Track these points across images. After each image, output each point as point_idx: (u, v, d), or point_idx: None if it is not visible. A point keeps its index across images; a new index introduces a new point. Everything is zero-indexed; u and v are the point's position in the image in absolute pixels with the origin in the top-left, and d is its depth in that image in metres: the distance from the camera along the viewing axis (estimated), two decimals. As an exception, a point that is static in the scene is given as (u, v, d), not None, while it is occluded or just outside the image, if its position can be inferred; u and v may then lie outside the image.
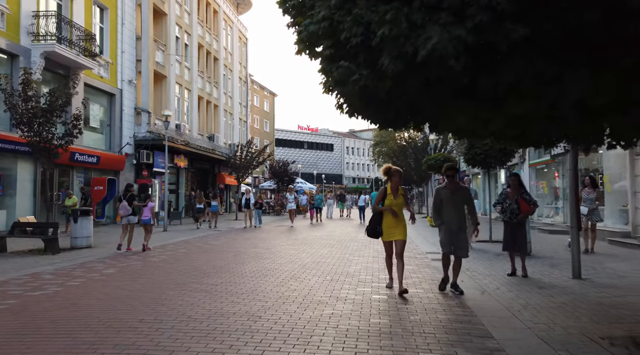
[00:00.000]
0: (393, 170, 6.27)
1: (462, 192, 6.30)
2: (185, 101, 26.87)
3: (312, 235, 15.12)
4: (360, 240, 13.29)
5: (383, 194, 6.29)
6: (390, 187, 6.28)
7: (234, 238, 14.10)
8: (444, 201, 6.21)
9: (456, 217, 6.12)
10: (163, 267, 8.39)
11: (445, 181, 6.45)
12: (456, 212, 6.14)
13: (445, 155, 19.57)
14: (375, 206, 6.42)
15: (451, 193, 6.16)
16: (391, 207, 6.14)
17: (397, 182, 6.26)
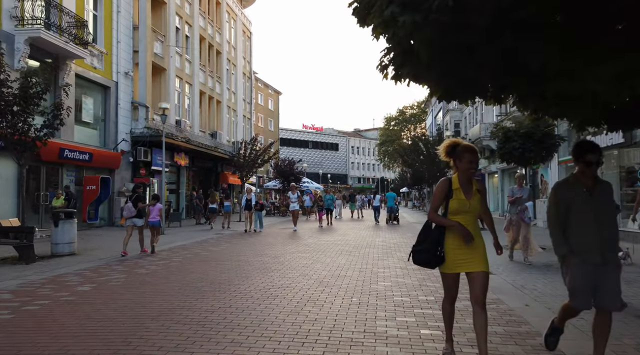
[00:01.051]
0: (463, 147, 3.50)
1: (605, 192, 3.45)
2: (186, 96, 25.45)
3: (323, 240, 13.62)
4: (380, 246, 11.79)
5: (446, 190, 3.51)
6: (457, 177, 3.53)
7: (237, 243, 12.62)
8: (574, 210, 3.39)
9: (598, 238, 3.31)
10: (149, 283, 6.91)
11: (573, 172, 3.54)
12: (598, 228, 3.31)
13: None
14: (432, 213, 3.62)
15: (588, 193, 3.38)
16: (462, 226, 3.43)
17: (471, 169, 3.48)
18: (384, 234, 15.98)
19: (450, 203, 3.52)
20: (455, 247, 3.48)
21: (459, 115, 37.80)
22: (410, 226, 20.11)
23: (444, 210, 3.55)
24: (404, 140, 61.56)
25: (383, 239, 13.80)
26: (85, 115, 18.34)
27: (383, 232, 16.54)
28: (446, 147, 3.61)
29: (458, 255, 3.49)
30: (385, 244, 12.55)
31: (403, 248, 11.47)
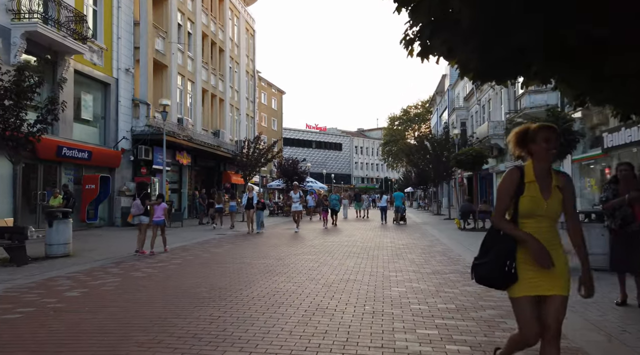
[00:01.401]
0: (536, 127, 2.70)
1: None
2: (188, 93, 25.00)
3: (329, 241, 13.10)
4: (388, 247, 11.26)
5: (516, 184, 2.68)
6: (531, 166, 2.69)
7: (239, 244, 12.13)
8: None
9: None
10: (144, 288, 6.42)
11: None
12: None
13: (477, 149, 17.46)
14: (498, 218, 2.75)
15: None
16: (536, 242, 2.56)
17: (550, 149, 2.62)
18: (392, 234, 15.45)
19: (521, 202, 2.60)
20: (526, 261, 2.58)
21: (465, 114, 37.22)
22: (417, 227, 19.57)
23: (513, 211, 2.66)
24: (408, 140, 61.02)
25: (391, 240, 13.27)
26: (85, 113, 17.91)
27: (390, 233, 16.01)
28: (517, 135, 2.75)
29: (533, 272, 2.56)
30: (394, 245, 12.02)
31: (413, 250, 10.94)
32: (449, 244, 12.42)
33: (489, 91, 29.95)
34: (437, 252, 10.55)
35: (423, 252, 10.43)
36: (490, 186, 30.78)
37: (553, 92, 18.91)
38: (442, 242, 12.95)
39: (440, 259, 9.32)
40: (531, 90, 19.48)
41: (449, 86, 46.41)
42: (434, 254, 10.09)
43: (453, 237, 14.30)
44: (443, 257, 9.61)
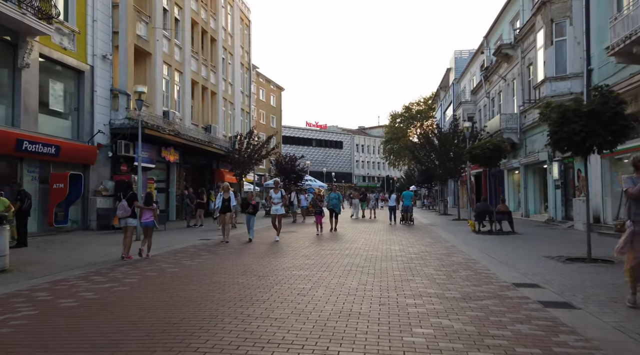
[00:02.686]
0: None
1: None
2: (175, 85, 23.08)
3: (327, 249, 11.18)
4: (398, 257, 9.34)
5: None
6: None
7: (219, 254, 10.22)
8: None
9: None
10: (54, 330, 4.51)
11: None
12: None
13: (494, 142, 15.52)
14: None
15: None
16: None
17: None
18: (399, 239, 13.53)
19: None
20: None
21: (473, 108, 35.29)
22: (426, 229, 17.64)
23: None
24: (410, 138, 59.06)
25: (400, 247, 11.35)
26: (54, 103, 16.00)
27: (397, 237, 14.09)
28: None
29: None
30: (405, 254, 10.10)
31: (428, 261, 9.02)
32: (468, 251, 10.51)
33: (499, 83, 28.01)
34: (458, 264, 8.63)
35: (441, 265, 8.51)
36: (501, 184, 28.86)
37: (577, 78, 16.98)
38: (459, 249, 11.04)
39: (466, 275, 7.40)
40: (552, 77, 17.55)
41: (454, 80, 44.48)
42: (455, 268, 8.17)
43: (470, 243, 12.37)
44: (468, 272, 7.69)
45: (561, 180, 19.24)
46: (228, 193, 12.72)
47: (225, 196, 12.70)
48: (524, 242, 12.41)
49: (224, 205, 12.58)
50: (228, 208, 12.56)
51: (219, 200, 12.71)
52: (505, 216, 15.74)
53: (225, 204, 12.59)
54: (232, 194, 12.75)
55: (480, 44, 32.74)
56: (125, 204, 9.59)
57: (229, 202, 12.61)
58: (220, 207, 12.65)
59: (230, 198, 12.64)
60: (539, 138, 21.68)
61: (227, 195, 12.68)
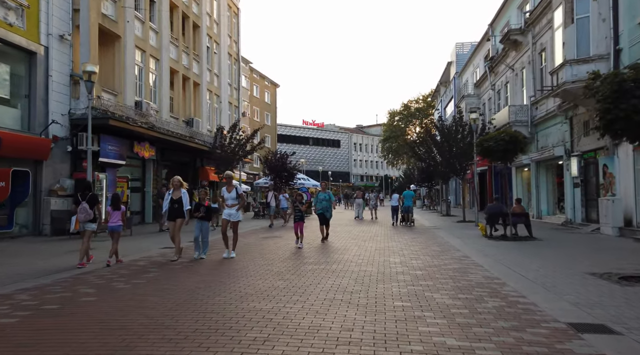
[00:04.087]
0: None
1: None
2: (151, 73, 20.85)
3: (308, 262, 8.98)
4: (399, 275, 7.15)
5: None
6: None
7: (168, 270, 8.04)
8: None
9: None
10: None
11: None
12: None
13: (510, 132, 13.33)
14: None
15: None
16: None
17: None
18: (399, 246, 11.35)
19: None
20: None
21: (476, 102, 33.09)
22: (429, 233, 15.47)
23: None
24: (409, 137, 56.99)
25: (401, 259, 9.16)
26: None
27: (397, 244, 11.91)
28: None
29: None
30: (407, 268, 7.92)
31: (439, 280, 6.84)
32: (486, 265, 8.34)
33: (506, 73, 25.87)
34: (479, 286, 6.45)
35: (457, 288, 6.33)
36: (509, 182, 26.71)
37: (602, 61, 14.83)
38: (474, 261, 8.87)
39: (496, 308, 5.22)
40: (572, 60, 15.40)
41: (456, 74, 42.34)
42: (477, 293, 5.99)
43: (485, 252, 10.20)
44: (497, 302, 5.51)
45: (581, 177, 17.09)
46: (179, 192, 9.28)
47: (175, 196, 9.25)
48: (550, 251, 10.24)
49: (173, 209, 9.17)
50: (180, 213, 9.16)
51: (167, 202, 9.28)
52: (522, 219, 13.59)
53: (175, 206, 9.15)
54: (185, 194, 9.38)
55: (485, 32, 30.59)
56: (86, 206, 8.65)
57: (180, 204, 9.16)
58: (169, 211, 9.26)
59: (182, 199, 9.20)
60: (553, 131, 19.55)
61: (178, 195, 9.24)
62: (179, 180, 9.47)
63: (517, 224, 13.53)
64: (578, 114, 17.10)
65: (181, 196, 9.26)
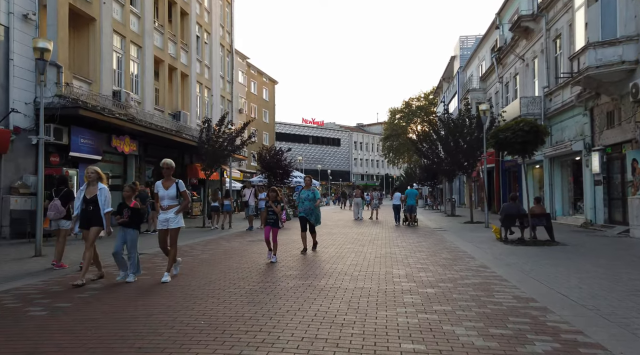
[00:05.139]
0: None
1: None
2: (132, 61, 19.20)
3: (289, 275, 7.33)
4: (406, 297, 5.50)
5: None
6: None
7: (46, 307, 6.42)
8: None
9: None
10: None
11: None
12: None
13: (529, 121, 11.67)
14: None
15: None
16: None
17: None
18: (404, 253, 9.71)
19: None
20: None
21: (482, 96, 31.42)
22: (435, 235, 13.83)
23: None
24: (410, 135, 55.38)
25: (407, 271, 7.51)
26: (-53, 72, 12.17)
27: (401, 251, 10.27)
28: None
29: None
30: (415, 285, 6.28)
31: (458, 303, 5.20)
32: (511, 278, 6.72)
33: (516, 64, 24.22)
34: (514, 313, 4.83)
35: (485, 316, 4.70)
36: (517, 181, 25.08)
37: (631, 43, 13.18)
38: (495, 273, 7.24)
39: (550, 352, 3.58)
40: (597, 43, 13.74)
41: (460, 68, 40.66)
42: (516, 327, 4.35)
43: (505, 260, 8.55)
44: (547, 343, 3.88)
45: (603, 174, 15.44)
46: (95, 187, 6.69)
47: (90, 194, 6.65)
48: (583, 260, 8.61)
49: (87, 212, 6.59)
50: (96, 217, 6.60)
51: (79, 202, 6.73)
52: (543, 220, 11.94)
53: (90, 208, 6.58)
54: (104, 190, 6.73)
55: (492, 22, 28.92)
56: (58, 203, 8.13)
57: (96, 205, 6.60)
58: (81, 215, 6.68)
59: (99, 198, 6.62)
60: (570, 124, 17.90)
61: (93, 192, 6.65)
62: (96, 171, 6.80)
63: (536, 226, 11.91)
64: (600, 104, 15.45)
65: (101, 194, 6.70)
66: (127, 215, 6.70)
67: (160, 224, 6.77)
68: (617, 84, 13.78)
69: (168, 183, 6.81)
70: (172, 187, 6.78)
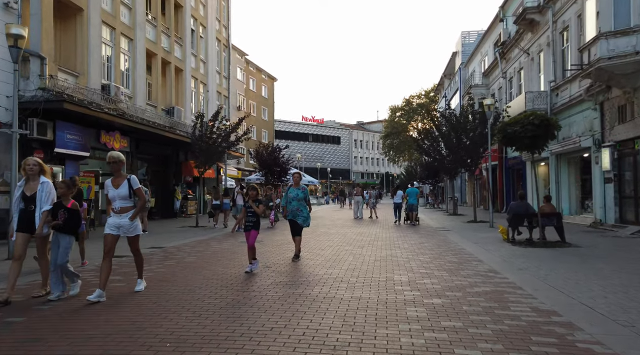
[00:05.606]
0: None
1: None
2: (122, 53, 18.48)
3: (279, 287, 6.65)
4: (410, 311, 4.80)
5: None
6: None
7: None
8: None
9: None
10: None
11: None
12: None
13: (540, 114, 10.93)
14: None
15: None
16: None
17: None
18: (405, 256, 9.01)
19: None
20: None
21: (485, 92, 30.69)
22: (437, 236, 13.13)
23: None
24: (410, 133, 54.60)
25: (409, 277, 6.81)
26: None
27: (403, 251, 9.57)
28: None
29: None
30: (421, 296, 5.58)
31: (471, 319, 4.51)
32: (526, 286, 6.03)
33: (520, 58, 23.48)
34: (536, 331, 4.15)
35: (502, 334, 4.01)
36: (522, 179, 24.37)
37: (646, 33, 12.45)
38: (506, 278, 6.55)
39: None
40: (608, 33, 13.02)
41: (461, 64, 39.90)
42: (541, 349, 3.66)
43: (515, 263, 7.85)
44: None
45: (614, 171, 14.74)
46: (37, 182, 5.51)
47: (30, 190, 5.49)
48: (601, 263, 7.91)
49: (28, 212, 5.45)
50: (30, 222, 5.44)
51: (17, 201, 5.53)
52: (553, 220, 11.24)
53: (31, 208, 5.44)
54: (46, 184, 5.56)
55: (495, 16, 28.18)
56: None
57: (33, 202, 5.45)
58: (20, 216, 5.49)
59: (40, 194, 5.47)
60: (578, 119, 17.18)
61: (34, 189, 5.48)
62: (37, 163, 5.55)
63: (545, 226, 11.22)
64: (611, 98, 14.73)
65: (44, 189, 5.48)
66: (63, 218, 5.49)
67: (109, 228, 5.55)
68: (629, 76, 13.07)
69: (118, 180, 5.64)
70: (124, 185, 5.60)
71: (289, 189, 8.89)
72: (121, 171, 5.72)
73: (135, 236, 5.77)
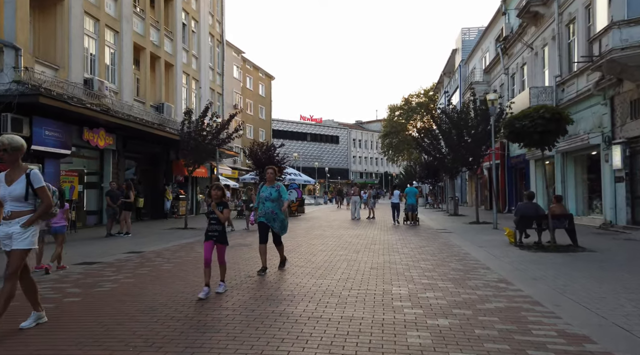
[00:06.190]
0: None
1: None
2: (107, 47, 17.61)
3: (260, 302, 5.80)
4: (411, 337, 3.94)
5: None
6: None
7: None
8: None
9: None
10: None
11: None
12: None
13: (550, 107, 10.08)
14: None
15: None
16: None
17: None
18: (405, 262, 8.15)
19: None
20: None
21: (486, 90, 29.79)
22: (439, 238, 12.29)
23: None
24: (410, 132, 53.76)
25: (411, 289, 5.97)
26: None
27: (403, 257, 8.72)
28: None
29: None
30: (424, 315, 4.73)
31: (487, 348, 3.66)
32: (545, 302, 5.19)
33: (523, 53, 22.65)
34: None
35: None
36: (524, 178, 23.54)
37: (663, 21, 11.61)
38: (520, 290, 5.71)
39: None
40: (622, 22, 12.19)
41: (462, 61, 39.06)
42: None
43: (528, 272, 7.00)
44: None
45: (625, 170, 13.91)
46: None
47: None
48: (625, 272, 7.07)
49: None
50: None
51: None
52: (564, 222, 10.41)
53: None
54: None
55: (497, 10, 27.35)
56: None
57: None
58: None
59: None
60: (586, 115, 16.33)
61: None
62: None
63: (556, 228, 10.38)
64: (623, 92, 13.89)
65: None
66: None
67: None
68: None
69: (13, 175, 4.15)
70: (20, 182, 4.11)
71: (262, 187, 7.33)
72: (19, 162, 4.19)
73: (23, 251, 4.07)
